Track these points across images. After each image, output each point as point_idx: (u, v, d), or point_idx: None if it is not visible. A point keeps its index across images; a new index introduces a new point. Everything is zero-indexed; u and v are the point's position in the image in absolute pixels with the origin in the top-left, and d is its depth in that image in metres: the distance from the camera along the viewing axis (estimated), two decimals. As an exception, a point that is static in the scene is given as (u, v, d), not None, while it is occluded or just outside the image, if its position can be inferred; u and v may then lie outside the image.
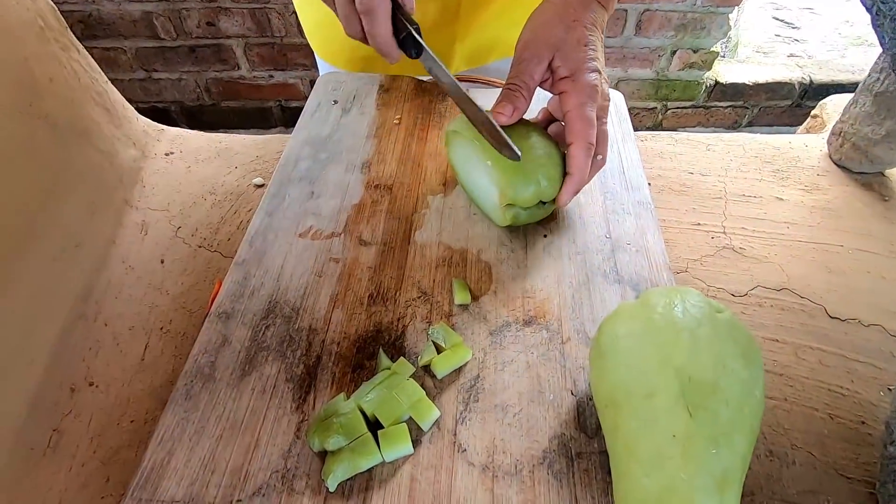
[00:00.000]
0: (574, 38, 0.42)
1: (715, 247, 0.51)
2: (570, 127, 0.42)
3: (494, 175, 0.42)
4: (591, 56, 0.42)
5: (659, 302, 0.32)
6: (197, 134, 0.62)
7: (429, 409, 0.35)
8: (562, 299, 0.43)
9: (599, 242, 0.47)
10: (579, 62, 0.41)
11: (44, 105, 0.40)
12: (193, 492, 0.33)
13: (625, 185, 0.52)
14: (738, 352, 0.30)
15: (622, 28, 1.62)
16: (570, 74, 0.41)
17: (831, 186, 0.57)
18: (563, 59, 0.41)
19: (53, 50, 0.43)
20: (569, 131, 0.42)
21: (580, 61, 0.41)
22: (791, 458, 0.38)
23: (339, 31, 0.65)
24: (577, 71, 0.41)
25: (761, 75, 1.80)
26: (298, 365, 0.39)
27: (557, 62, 0.42)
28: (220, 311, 0.42)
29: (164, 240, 0.50)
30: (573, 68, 0.41)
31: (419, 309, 0.42)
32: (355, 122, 0.59)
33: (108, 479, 0.36)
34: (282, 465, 0.34)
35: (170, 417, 0.36)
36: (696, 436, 0.28)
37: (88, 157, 0.46)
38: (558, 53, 0.41)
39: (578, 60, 0.41)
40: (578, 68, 0.41)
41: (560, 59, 0.41)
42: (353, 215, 0.49)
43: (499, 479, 0.34)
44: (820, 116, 0.70)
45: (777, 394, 0.42)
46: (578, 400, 0.37)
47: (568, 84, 0.41)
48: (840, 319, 0.46)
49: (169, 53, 1.65)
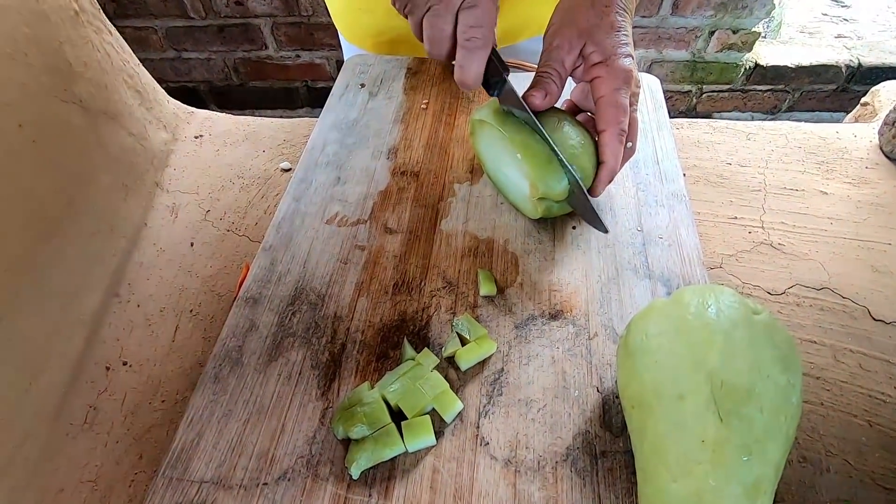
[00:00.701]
0: (607, 23, 0.41)
1: (752, 242, 0.49)
2: (603, 113, 0.41)
3: (525, 168, 0.41)
4: (623, 41, 0.41)
5: (692, 301, 0.31)
6: (225, 117, 0.62)
7: (452, 402, 0.35)
8: (590, 293, 0.42)
9: (630, 235, 0.46)
10: (613, 47, 0.40)
11: (78, 89, 0.41)
12: (221, 473, 0.34)
13: (658, 176, 0.50)
14: (776, 356, 0.29)
15: (658, 7, 1.56)
16: (603, 60, 0.40)
17: (881, 180, 0.54)
18: (596, 44, 0.40)
19: (87, 33, 0.43)
20: (601, 118, 0.41)
21: (614, 46, 0.40)
22: (825, 465, 0.37)
23: (366, 14, 0.64)
24: (610, 56, 0.40)
25: (805, 57, 1.71)
26: (324, 352, 0.39)
27: (590, 48, 0.41)
28: (247, 296, 0.42)
29: (193, 223, 0.51)
30: (606, 54, 0.40)
31: (444, 299, 0.42)
32: (382, 107, 0.58)
33: (140, 455, 0.37)
34: (307, 450, 0.34)
35: (199, 400, 0.37)
36: (727, 442, 0.27)
37: (121, 141, 0.47)
38: (590, 39, 0.40)
39: (612, 46, 0.40)
40: (612, 53, 0.40)
41: (592, 44, 0.40)
42: (378, 202, 0.49)
43: (521, 474, 0.33)
44: (871, 104, 0.66)
45: (813, 398, 0.40)
46: (604, 397, 0.37)
47: (602, 69, 0.40)
48: (885, 322, 0.44)
49: (198, 33, 1.66)
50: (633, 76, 0.40)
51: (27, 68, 0.36)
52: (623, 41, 0.41)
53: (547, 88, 0.40)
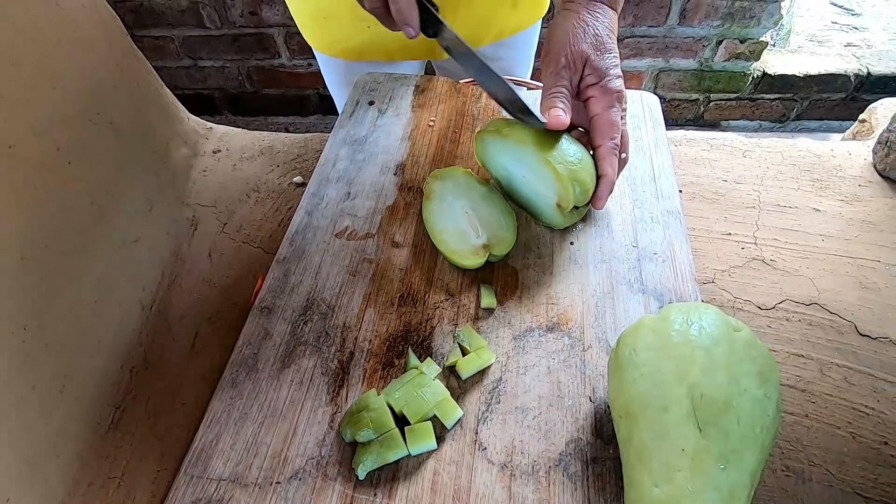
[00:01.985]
0: (600, 46, 0.44)
1: (744, 258, 0.51)
2: (599, 129, 0.44)
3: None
4: (614, 63, 0.45)
5: (677, 319, 0.33)
6: (242, 132, 0.65)
7: (453, 409, 0.37)
8: (585, 307, 0.44)
9: (626, 251, 0.48)
10: (606, 69, 0.44)
11: (108, 111, 0.44)
12: (238, 472, 0.36)
13: (655, 194, 0.53)
14: (753, 371, 0.31)
15: (665, 16, 1.57)
16: (597, 81, 0.44)
17: (873, 198, 0.55)
18: (592, 67, 0.44)
19: (116, 58, 0.46)
20: (597, 134, 0.45)
21: (606, 68, 0.44)
22: (808, 474, 0.39)
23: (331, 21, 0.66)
24: (603, 77, 0.44)
25: (813, 66, 1.71)
26: (333, 360, 0.42)
27: (587, 70, 0.44)
28: (262, 305, 0.45)
29: (211, 235, 0.54)
30: (600, 75, 0.44)
31: (446, 311, 0.44)
32: (391, 124, 0.61)
33: (163, 454, 0.40)
34: (317, 452, 0.37)
35: (217, 403, 0.40)
36: (705, 451, 0.29)
37: (146, 158, 0.50)
38: (587, 63, 0.44)
39: (605, 68, 0.44)
40: (606, 75, 0.44)
41: (589, 67, 0.44)
42: (386, 217, 0.52)
43: (516, 477, 0.36)
44: (868, 122, 0.68)
45: (798, 410, 0.42)
46: (596, 407, 0.39)
47: (596, 90, 0.44)
48: (870, 337, 0.45)
49: (214, 42, 1.70)
50: (623, 95, 0.44)
51: (64, 94, 0.39)
52: (614, 63, 0.44)
53: (562, 106, 0.43)
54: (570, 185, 0.42)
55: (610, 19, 0.46)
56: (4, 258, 0.32)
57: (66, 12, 0.39)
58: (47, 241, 0.37)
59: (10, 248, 0.33)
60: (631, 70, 1.72)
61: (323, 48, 0.72)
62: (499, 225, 0.47)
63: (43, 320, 0.36)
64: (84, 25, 0.41)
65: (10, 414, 0.32)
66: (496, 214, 0.47)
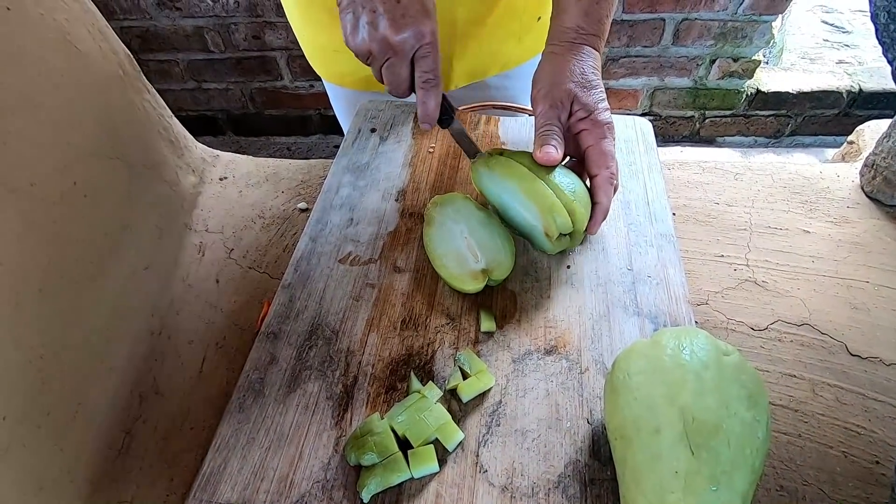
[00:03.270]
0: (586, 83, 0.47)
1: (737, 279, 0.53)
2: (594, 160, 0.47)
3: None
4: (601, 97, 0.48)
5: (669, 343, 0.35)
6: (247, 159, 0.67)
7: (454, 432, 0.38)
8: (582, 330, 0.46)
9: (621, 274, 0.49)
10: (594, 104, 0.47)
11: (121, 146, 0.46)
12: (246, 496, 0.37)
13: (649, 217, 0.54)
14: (742, 394, 0.32)
15: (659, 37, 1.61)
16: (587, 115, 0.47)
17: (861, 220, 0.57)
18: (580, 103, 0.47)
19: (130, 95, 0.49)
20: (592, 164, 0.47)
21: (595, 103, 0.47)
22: (801, 493, 0.40)
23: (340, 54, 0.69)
24: (592, 112, 0.47)
25: (806, 83, 1.74)
26: (337, 384, 0.43)
27: (576, 106, 0.47)
28: (268, 331, 0.47)
29: (218, 260, 0.55)
30: (589, 110, 0.47)
31: (447, 335, 0.46)
32: (392, 151, 0.63)
33: (172, 478, 0.41)
34: (322, 476, 0.38)
35: (225, 428, 0.41)
36: (697, 473, 0.30)
37: (156, 188, 0.52)
38: (574, 100, 0.47)
39: (593, 102, 0.47)
40: (594, 109, 0.47)
41: (577, 103, 0.47)
42: (388, 242, 0.53)
43: (517, 499, 0.37)
44: (856, 143, 0.70)
45: (791, 430, 0.43)
46: (594, 428, 0.40)
47: (587, 123, 0.47)
48: (861, 357, 0.47)
49: (218, 65, 1.74)
50: (613, 127, 0.47)
51: (82, 132, 0.41)
52: (601, 98, 0.47)
53: (555, 142, 0.46)
54: (550, 216, 0.44)
55: (594, 59, 0.49)
56: (25, 290, 0.34)
57: (84, 56, 0.42)
58: (64, 272, 0.38)
59: (31, 281, 0.34)
60: (627, 89, 1.76)
61: (331, 78, 0.74)
62: (497, 250, 0.48)
63: (58, 348, 0.38)
64: (100, 66, 0.44)
65: (27, 439, 0.34)
66: (494, 239, 0.49)
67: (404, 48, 0.44)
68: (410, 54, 0.45)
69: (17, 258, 0.33)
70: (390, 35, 0.43)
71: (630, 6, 1.53)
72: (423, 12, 0.44)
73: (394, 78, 0.46)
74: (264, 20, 1.61)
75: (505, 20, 0.68)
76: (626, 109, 1.78)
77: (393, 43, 0.44)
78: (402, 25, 0.43)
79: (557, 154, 0.46)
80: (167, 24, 1.63)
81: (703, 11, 1.54)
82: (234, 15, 1.59)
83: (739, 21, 1.56)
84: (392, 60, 0.45)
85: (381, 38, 0.44)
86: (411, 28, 0.43)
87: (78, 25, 0.41)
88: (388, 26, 0.43)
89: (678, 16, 1.55)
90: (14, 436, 0.33)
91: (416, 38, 0.44)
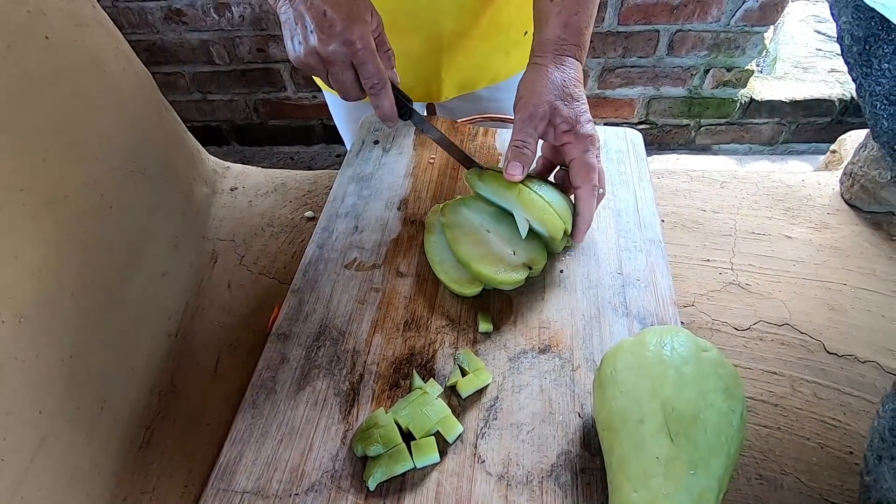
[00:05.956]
0: (567, 96, 0.49)
1: (722, 282, 0.56)
2: (577, 172, 0.48)
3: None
4: (583, 110, 0.49)
5: (652, 341, 0.38)
6: (256, 170, 0.71)
7: (454, 425, 0.41)
8: (574, 330, 0.48)
9: (611, 278, 0.52)
10: (576, 117, 0.48)
11: (142, 160, 0.49)
12: (260, 485, 0.40)
13: (638, 224, 0.57)
14: (719, 386, 0.35)
15: (654, 48, 1.65)
16: (570, 128, 0.48)
17: (840, 225, 0.60)
18: (562, 116, 0.48)
19: (150, 112, 0.52)
20: (575, 176, 0.49)
21: (577, 116, 0.48)
22: (780, 482, 0.42)
23: None
24: (576, 124, 0.48)
25: (799, 92, 1.78)
26: (344, 382, 0.46)
27: (557, 119, 0.48)
28: (279, 332, 0.50)
29: (230, 267, 0.58)
30: (571, 123, 0.48)
31: (447, 336, 0.48)
32: (394, 162, 0.66)
33: (190, 470, 0.44)
34: (331, 466, 0.41)
35: (240, 423, 0.44)
36: (677, 459, 0.33)
37: (173, 199, 0.55)
38: (556, 112, 0.48)
39: (574, 115, 0.48)
40: (577, 122, 0.48)
41: (559, 116, 0.48)
42: (391, 249, 0.56)
43: (512, 487, 0.39)
44: (838, 152, 0.73)
45: (771, 423, 0.46)
46: (584, 421, 0.43)
47: (570, 136, 0.48)
48: (837, 355, 0.49)
49: (222, 77, 1.78)
50: (596, 139, 0.48)
51: (108, 148, 0.44)
52: (583, 110, 0.49)
53: (522, 161, 0.48)
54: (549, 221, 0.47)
55: (576, 71, 0.50)
56: (60, 296, 0.37)
57: (110, 76, 0.45)
58: (92, 278, 0.41)
59: (65, 286, 0.37)
60: (623, 98, 1.80)
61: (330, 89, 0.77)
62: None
63: (86, 349, 0.41)
64: (124, 86, 0.47)
65: (61, 433, 0.36)
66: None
67: (336, 58, 0.45)
68: (348, 62, 0.45)
69: (55, 265, 0.36)
70: (320, 48, 0.44)
71: (625, 18, 1.57)
72: (350, 19, 0.44)
73: (340, 86, 0.47)
74: (268, 33, 1.65)
75: (491, 34, 0.71)
76: (622, 118, 1.82)
77: (325, 56, 0.45)
78: (329, 36, 0.44)
79: (520, 176, 0.48)
80: (174, 37, 1.67)
81: (696, 23, 1.58)
82: (239, 28, 1.64)
83: (732, 32, 1.60)
84: (332, 70, 0.46)
85: (313, 51, 0.45)
86: (337, 39, 0.44)
87: (105, 50, 0.44)
88: (317, 40, 0.44)
89: (672, 27, 1.59)
90: (50, 428, 0.36)
91: (345, 47, 0.44)
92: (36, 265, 0.35)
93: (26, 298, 0.34)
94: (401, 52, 0.52)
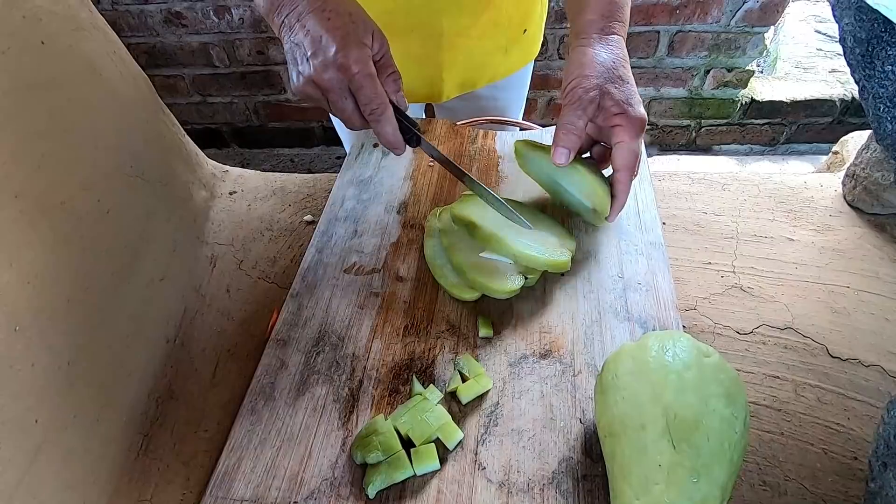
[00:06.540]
0: (618, 79, 0.48)
1: (724, 286, 0.55)
2: (620, 158, 0.48)
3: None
4: (633, 91, 0.48)
5: (654, 346, 0.37)
6: (255, 174, 0.70)
7: (454, 432, 0.41)
8: (575, 335, 0.48)
9: (612, 282, 0.52)
10: (627, 99, 0.47)
11: (140, 164, 0.49)
12: (259, 493, 0.40)
13: (639, 227, 0.57)
14: (721, 392, 0.35)
15: (654, 49, 1.65)
16: (621, 111, 0.47)
17: (843, 227, 0.59)
18: (613, 100, 0.47)
19: (147, 116, 0.52)
20: (619, 161, 0.48)
21: (628, 98, 0.47)
22: (783, 488, 0.42)
23: None
24: (627, 107, 0.47)
25: (799, 92, 1.77)
26: (344, 388, 0.45)
27: (608, 101, 0.47)
28: (277, 337, 0.49)
29: (229, 271, 0.58)
30: (623, 106, 0.47)
31: (447, 341, 0.48)
32: (393, 165, 0.66)
33: (188, 478, 0.44)
34: (330, 473, 0.40)
35: (238, 430, 0.43)
36: (679, 466, 0.32)
37: (171, 203, 0.55)
38: (607, 96, 0.47)
39: (625, 97, 0.47)
40: (628, 104, 0.47)
41: (610, 100, 0.47)
42: (391, 253, 0.56)
43: (513, 495, 0.39)
44: (840, 154, 0.72)
45: (774, 428, 0.45)
46: (586, 427, 0.42)
47: (622, 119, 0.47)
48: (841, 359, 0.49)
49: (222, 79, 1.78)
50: (645, 121, 0.47)
51: (105, 152, 0.44)
52: (633, 91, 0.48)
53: (569, 146, 0.48)
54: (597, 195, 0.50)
55: (623, 50, 0.49)
56: (56, 301, 0.36)
57: (107, 81, 0.45)
58: (89, 283, 0.41)
59: (62, 292, 0.37)
60: (623, 99, 1.79)
61: None
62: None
63: (83, 355, 0.40)
64: (121, 90, 0.47)
65: (58, 440, 0.36)
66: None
67: (333, 85, 0.43)
68: (346, 88, 0.43)
69: (52, 271, 0.36)
70: (316, 76, 0.42)
71: (625, 19, 1.57)
72: (345, 44, 0.42)
73: (341, 115, 0.45)
74: (268, 36, 1.65)
75: (490, 32, 0.71)
76: (622, 119, 1.81)
77: (321, 83, 0.42)
78: (325, 62, 0.42)
79: (566, 161, 0.48)
80: (173, 40, 1.67)
81: (696, 23, 1.58)
82: (239, 31, 1.64)
83: (732, 33, 1.60)
84: (331, 98, 0.44)
85: (309, 79, 0.43)
86: (332, 65, 0.42)
87: (101, 54, 0.44)
88: (313, 67, 0.42)
89: (672, 28, 1.59)
90: (46, 437, 0.35)
91: (341, 73, 0.42)
92: (32, 271, 0.35)
93: (22, 305, 0.34)
94: (401, 53, 0.52)
